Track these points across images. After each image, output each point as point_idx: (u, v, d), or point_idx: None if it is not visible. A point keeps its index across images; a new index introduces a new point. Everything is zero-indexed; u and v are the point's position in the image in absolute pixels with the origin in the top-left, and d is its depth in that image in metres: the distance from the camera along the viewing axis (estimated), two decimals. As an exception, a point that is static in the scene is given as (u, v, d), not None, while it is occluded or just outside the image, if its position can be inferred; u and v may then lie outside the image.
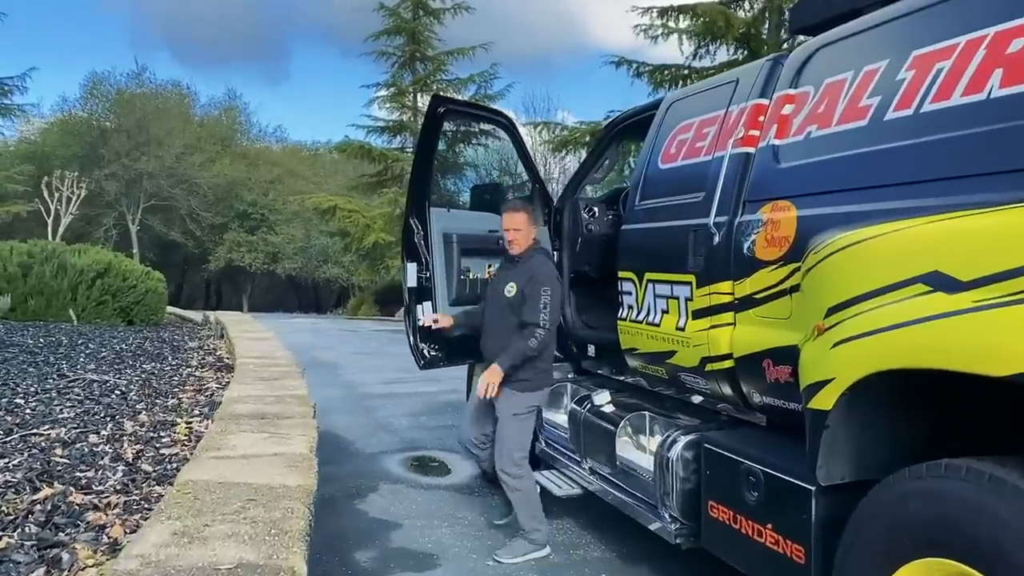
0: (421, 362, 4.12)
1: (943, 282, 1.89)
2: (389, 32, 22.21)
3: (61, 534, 2.33)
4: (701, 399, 3.33)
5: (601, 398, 3.81)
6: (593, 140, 10.76)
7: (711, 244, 2.90)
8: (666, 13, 14.27)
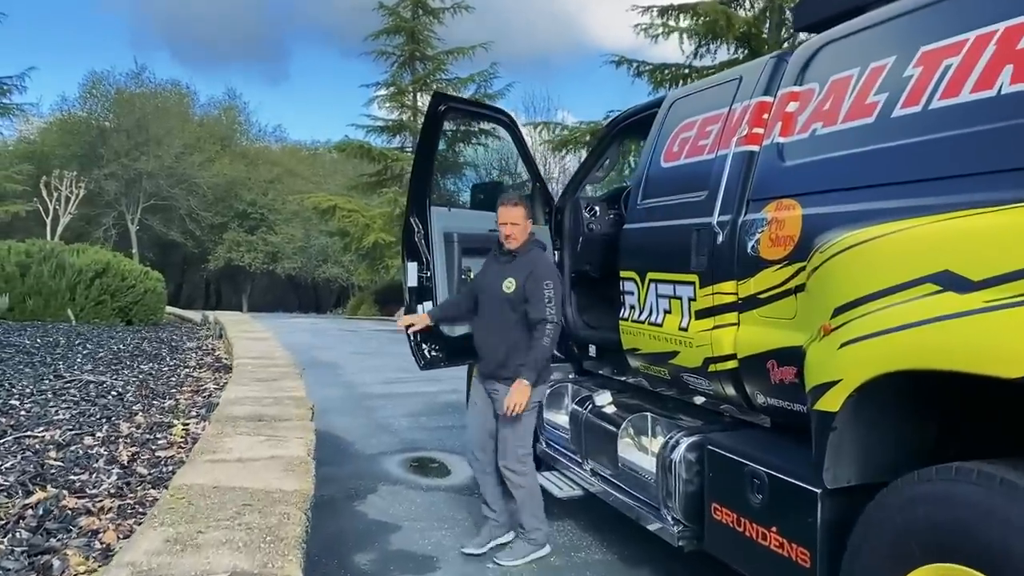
0: (421, 362, 4.08)
1: (954, 282, 1.85)
2: (388, 31, 22.18)
3: (53, 540, 2.29)
4: (704, 400, 3.29)
5: (602, 399, 3.77)
6: (594, 139, 10.73)
7: (714, 243, 2.87)
8: (666, 12, 14.25)
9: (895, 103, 2.28)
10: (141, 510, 2.53)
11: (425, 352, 4.06)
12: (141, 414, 4.21)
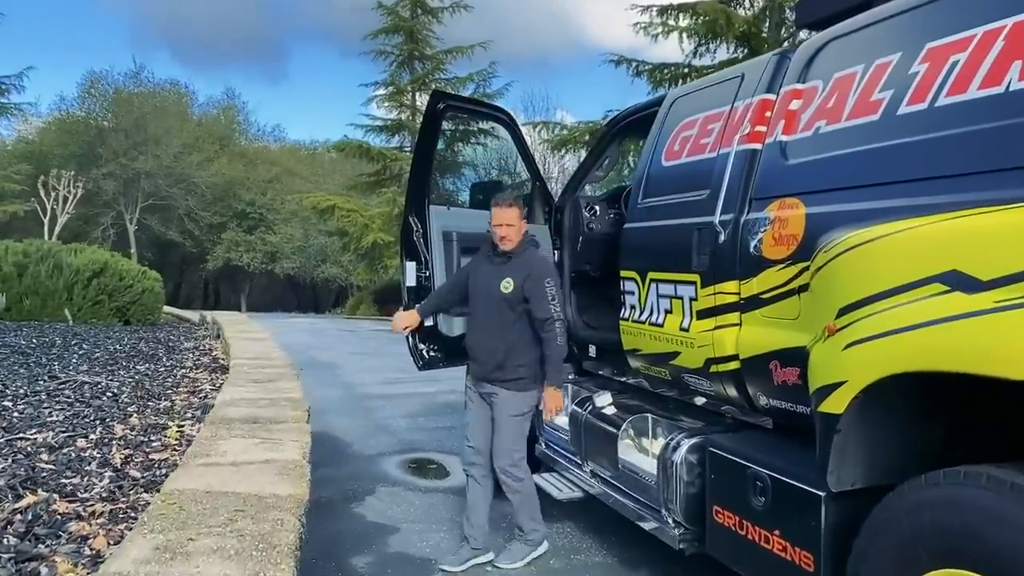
0: (420, 363, 4.05)
1: (962, 282, 1.82)
2: (387, 31, 22.14)
3: (41, 546, 2.24)
4: (705, 401, 3.26)
5: (603, 400, 3.73)
6: (594, 138, 10.70)
7: (716, 243, 2.83)
8: (666, 12, 14.22)
9: (900, 100, 2.25)
10: (133, 515, 2.48)
11: (423, 352, 4.03)
12: (136, 416, 4.16)
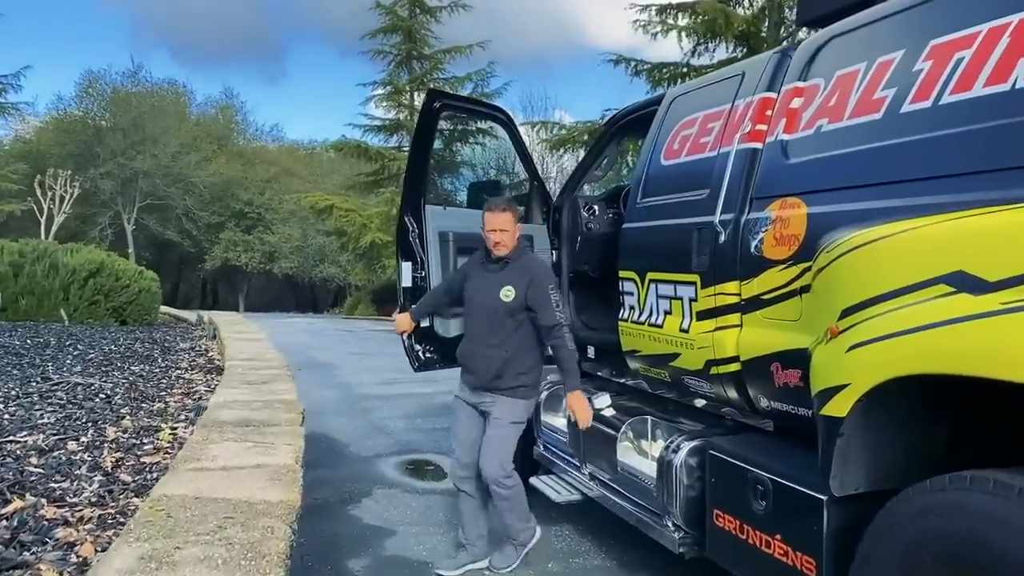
0: (416, 364, 4.01)
1: (968, 283, 1.79)
2: (385, 30, 22.07)
3: (26, 553, 2.19)
4: (705, 403, 3.23)
5: (601, 401, 3.69)
6: (593, 137, 10.67)
7: (716, 243, 2.80)
8: (665, 11, 14.18)
9: (904, 98, 2.22)
10: (122, 520, 2.44)
11: (419, 354, 3.99)
12: (129, 418, 4.11)
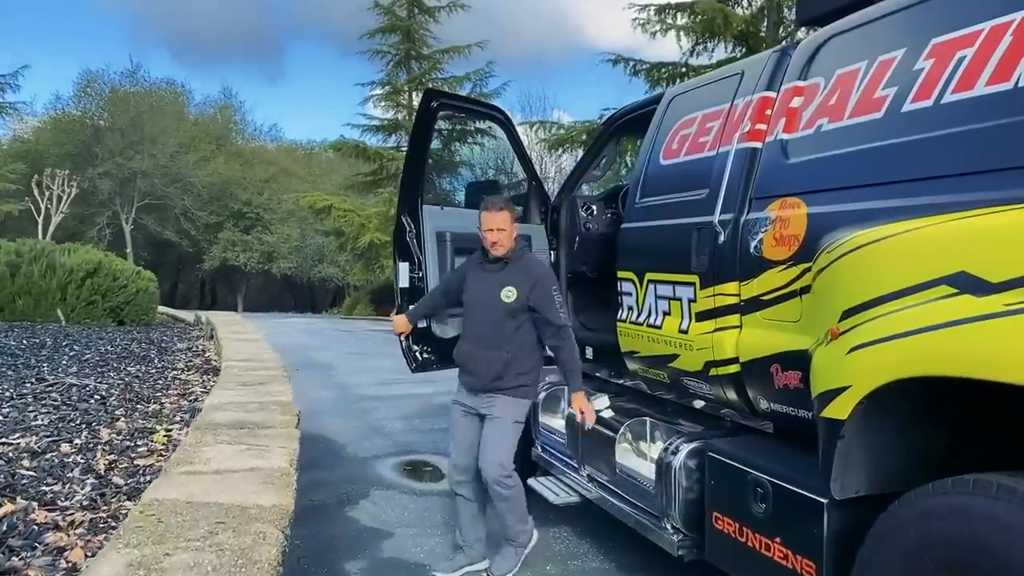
0: (413, 365, 3.99)
1: (971, 284, 1.76)
2: (384, 30, 22.03)
3: (15, 558, 2.16)
4: (704, 405, 3.21)
5: (600, 402, 3.67)
6: (591, 137, 10.64)
7: (716, 243, 2.78)
8: (664, 10, 14.17)
9: (905, 97, 2.20)
10: (114, 524, 2.41)
11: (417, 355, 3.97)
12: (123, 419, 4.08)
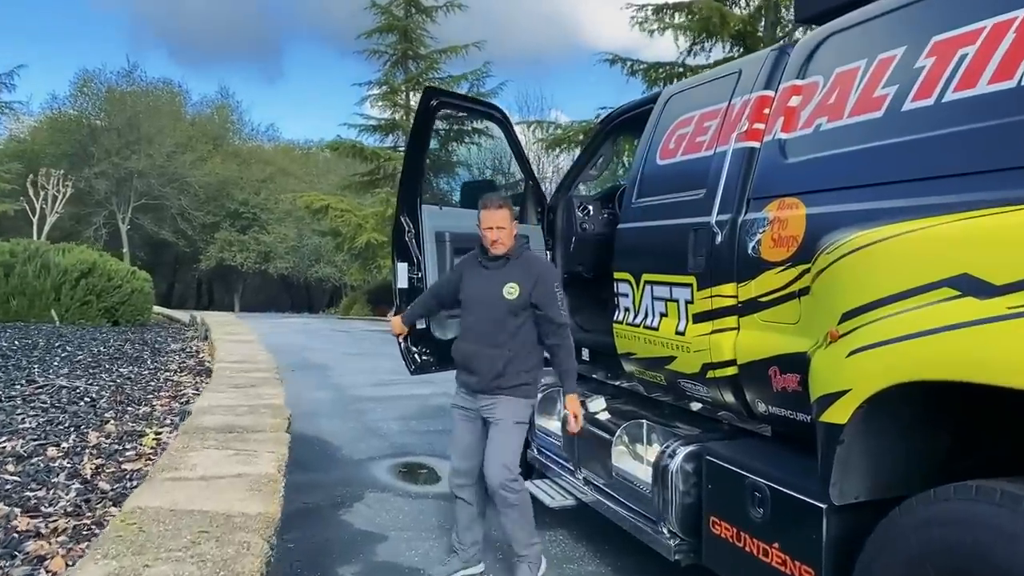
0: (412, 367, 3.96)
1: (973, 286, 1.73)
2: (381, 30, 22.02)
3: (-7, 568, 2.12)
4: (702, 407, 3.18)
5: (596, 404, 3.64)
6: (588, 136, 10.61)
7: (713, 244, 2.75)
8: (661, 10, 14.15)
9: (905, 96, 2.16)
10: (97, 531, 2.35)
11: (416, 356, 3.94)
12: (113, 422, 4.03)
